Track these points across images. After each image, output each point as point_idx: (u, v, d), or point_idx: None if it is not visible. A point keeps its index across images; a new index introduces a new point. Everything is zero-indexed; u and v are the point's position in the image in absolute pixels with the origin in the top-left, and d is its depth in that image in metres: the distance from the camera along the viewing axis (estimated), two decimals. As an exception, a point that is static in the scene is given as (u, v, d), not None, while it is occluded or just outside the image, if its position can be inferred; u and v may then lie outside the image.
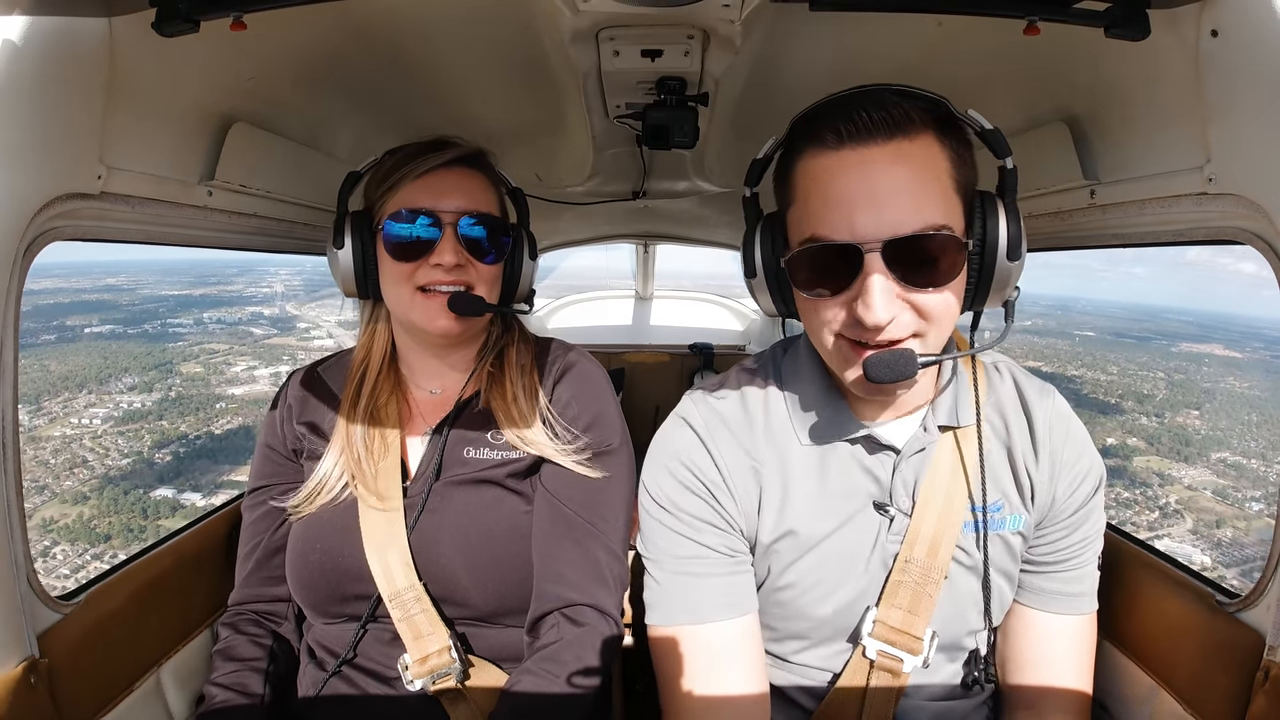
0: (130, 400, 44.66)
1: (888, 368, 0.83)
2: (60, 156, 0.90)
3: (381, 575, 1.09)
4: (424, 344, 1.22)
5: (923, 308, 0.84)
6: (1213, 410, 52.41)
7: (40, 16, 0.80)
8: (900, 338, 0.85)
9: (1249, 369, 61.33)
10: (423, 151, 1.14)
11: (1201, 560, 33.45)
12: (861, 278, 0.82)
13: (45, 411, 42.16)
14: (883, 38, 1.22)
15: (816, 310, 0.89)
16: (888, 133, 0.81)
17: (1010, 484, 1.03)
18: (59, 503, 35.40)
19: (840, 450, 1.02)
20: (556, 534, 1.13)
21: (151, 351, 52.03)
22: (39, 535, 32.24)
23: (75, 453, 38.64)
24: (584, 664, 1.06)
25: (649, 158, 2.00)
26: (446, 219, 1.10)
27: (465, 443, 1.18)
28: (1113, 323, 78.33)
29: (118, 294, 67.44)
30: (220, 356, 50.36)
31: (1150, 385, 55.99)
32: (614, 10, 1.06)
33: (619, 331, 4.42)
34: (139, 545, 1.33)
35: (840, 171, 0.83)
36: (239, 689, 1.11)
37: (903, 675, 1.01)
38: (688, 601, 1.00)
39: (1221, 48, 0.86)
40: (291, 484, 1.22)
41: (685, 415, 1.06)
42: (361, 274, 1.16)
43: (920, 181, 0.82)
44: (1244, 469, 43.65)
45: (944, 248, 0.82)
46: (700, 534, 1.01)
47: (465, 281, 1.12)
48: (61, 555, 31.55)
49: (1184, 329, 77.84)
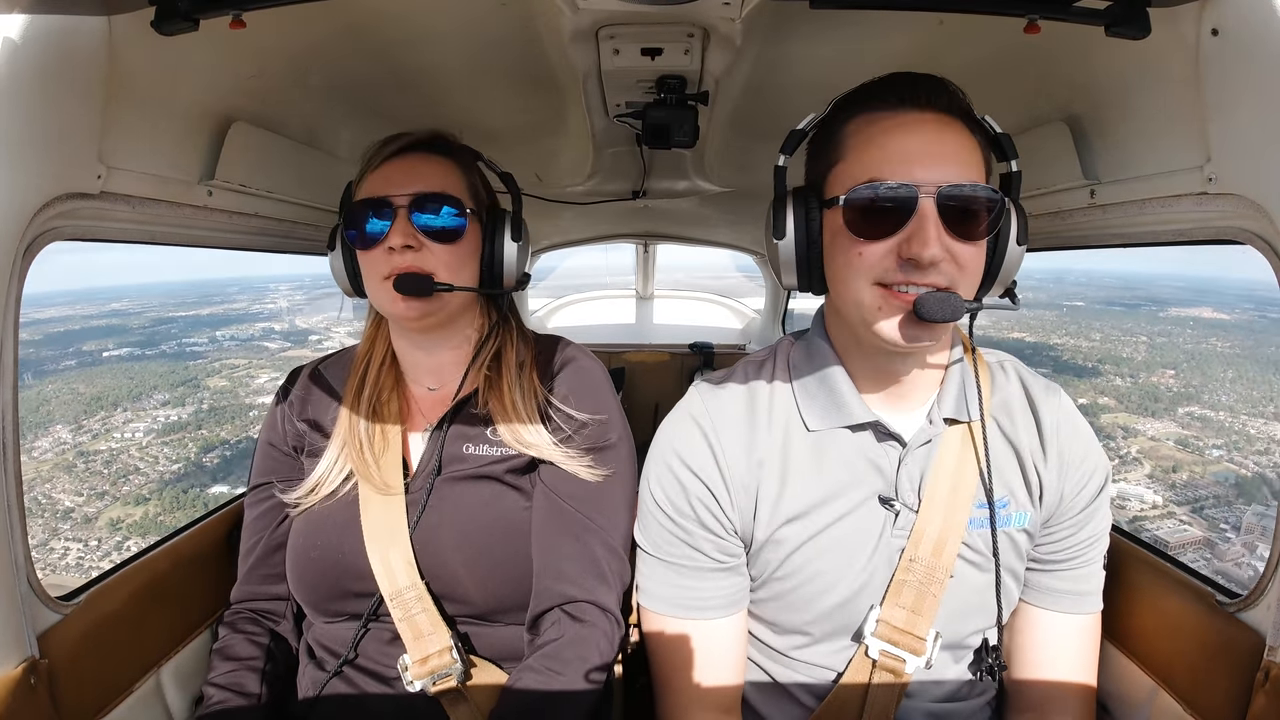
0: (167, 414, 46.85)
1: (939, 304, 0.86)
2: (60, 156, 0.90)
3: (383, 574, 1.09)
4: (407, 337, 1.22)
5: (960, 259, 0.88)
6: (1188, 369, 53.84)
7: (39, 15, 0.80)
8: (941, 285, 0.87)
9: (1234, 329, 62.11)
10: (382, 144, 1.15)
11: (1153, 499, 34.98)
12: (916, 218, 0.86)
13: (86, 430, 44.41)
14: (883, 36, 1.22)
15: (861, 257, 0.90)
16: (942, 105, 0.89)
17: (1018, 481, 1.03)
18: (121, 505, 37.98)
19: (844, 439, 1.02)
20: (556, 530, 1.13)
21: (175, 370, 54.11)
22: (109, 533, 35.13)
23: (125, 463, 41.19)
24: (585, 661, 1.06)
25: (649, 157, 2.00)
26: (399, 202, 1.09)
27: (465, 439, 1.18)
28: (1104, 292, 78.47)
29: (125, 318, 68.77)
30: (242, 370, 52.22)
31: (1130, 349, 57.50)
32: (614, 9, 1.06)
33: (619, 331, 4.43)
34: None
35: (899, 128, 0.88)
36: (236, 689, 1.11)
37: (905, 675, 1.01)
38: (680, 598, 1.04)
39: (1222, 47, 0.86)
40: (292, 481, 1.21)
41: (689, 409, 1.07)
42: (352, 271, 1.17)
43: (965, 151, 0.89)
44: (1209, 420, 45.41)
45: (987, 205, 0.87)
46: (694, 538, 1.03)
47: (419, 265, 1.10)
48: (134, 547, 34.76)
49: (1176, 294, 77.96)
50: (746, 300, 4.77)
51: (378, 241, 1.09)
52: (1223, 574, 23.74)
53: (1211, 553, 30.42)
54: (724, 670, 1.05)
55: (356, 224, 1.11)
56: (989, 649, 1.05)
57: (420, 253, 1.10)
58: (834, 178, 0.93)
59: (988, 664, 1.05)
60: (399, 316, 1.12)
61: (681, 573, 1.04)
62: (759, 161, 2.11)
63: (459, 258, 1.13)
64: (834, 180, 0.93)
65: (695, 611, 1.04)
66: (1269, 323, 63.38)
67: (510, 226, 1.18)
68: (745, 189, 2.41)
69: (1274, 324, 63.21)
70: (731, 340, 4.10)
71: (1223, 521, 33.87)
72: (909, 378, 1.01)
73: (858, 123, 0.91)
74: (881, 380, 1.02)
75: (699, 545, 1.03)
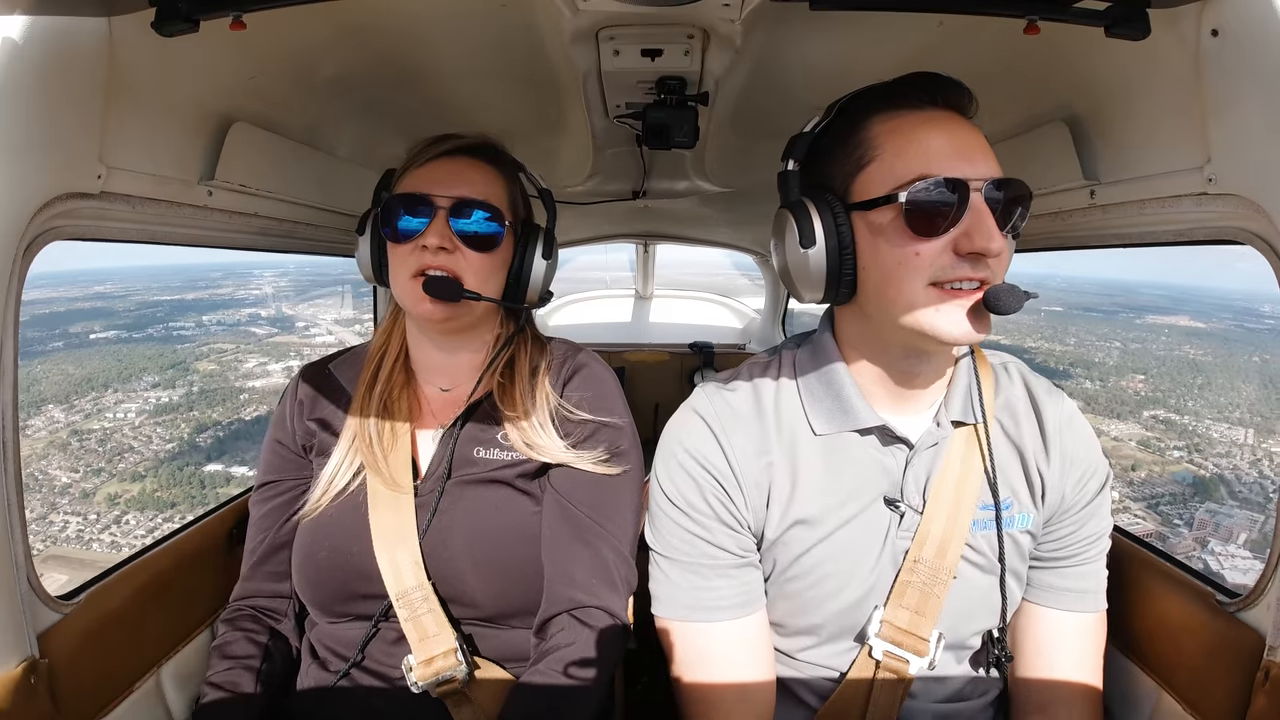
0: (158, 395, 47.78)
1: (1010, 296, 0.85)
2: (60, 156, 0.90)
3: (390, 573, 1.09)
4: (426, 335, 1.22)
5: (1002, 253, 0.87)
6: (1158, 374, 54.98)
7: (40, 16, 0.80)
8: (992, 280, 0.87)
9: (1208, 337, 63.63)
10: (433, 142, 1.16)
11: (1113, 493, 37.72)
12: (971, 212, 0.85)
13: (78, 409, 45.32)
14: (883, 37, 1.22)
15: (919, 256, 0.86)
16: (965, 103, 0.90)
17: (1021, 482, 1.04)
18: (118, 481, 39.18)
19: (852, 442, 1.02)
20: (566, 535, 1.13)
21: (163, 353, 54.83)
22: (107, 507, 36.35)
23: (119, 441, 42.28)
24: (593, 666, 1.06)
25: (649, 157, 2.00)
26: (440, 203, 1.10)
27: (476, 442, 1.17)
28: (1083, 298, 79.34)
29: (111, 301, 69.07)
30: (230, 355, 53.16)
31: (1103, 354, 58.50)
32: (614, 10, 1.06)
33: (619, 330, 4.43)
34: (203, 508, 1.34)
35: (936, 125, 0.88)
36: (230, 687, 1.11)
37: (908, 676, 1.01)
38: (699, 600, 1.01)
39: (1222, 47, 0.86)
40: (300, 479, 1.21)
41: (697, 406, 1.06)
42: (377, 260, 1.17)
43: (989, 149, 0.89)
44: (1172, 423, 46.71)
45: (1024, 199, 0.88)
46: (712, 534, 1.01)
47: (451, 268, 1.10)
48: (134, 520, 35.91)
49: (1155, 302, 79.17)
50: (746, 300, 4.77)
51: (412, 237, 1.10)
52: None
53: (1163, 545, 30.53)
54: (757, 673, 1.01)
55: (393, 216, 1.11)
56: (994, 641, 1.05)
57: (453, 255, 1.10)
58: (866, 179, 0.90)
59: (994, 656, 1.04)
60: (423, 317, 1.13)
61: (701, 573, 1.01)
62: (759, 162, 2.11)
63: (490, 267, 1.14)
64: (867, 182, 0.90)
65: (718, 613, 1.00)
66: (1245, 331, 64.27)
67: (543, 244, 1.20)
68: (745, 189, 2.41)
69: (1249, 333, 64.12)
70: (731, 340, 4.10)
71: (1176, 517, 35.07)
72: (923, 380, 1.00)
73: (886, 123, 0.90)
74: (895, 384, 1.01)
75: (718, 540, 1.01)
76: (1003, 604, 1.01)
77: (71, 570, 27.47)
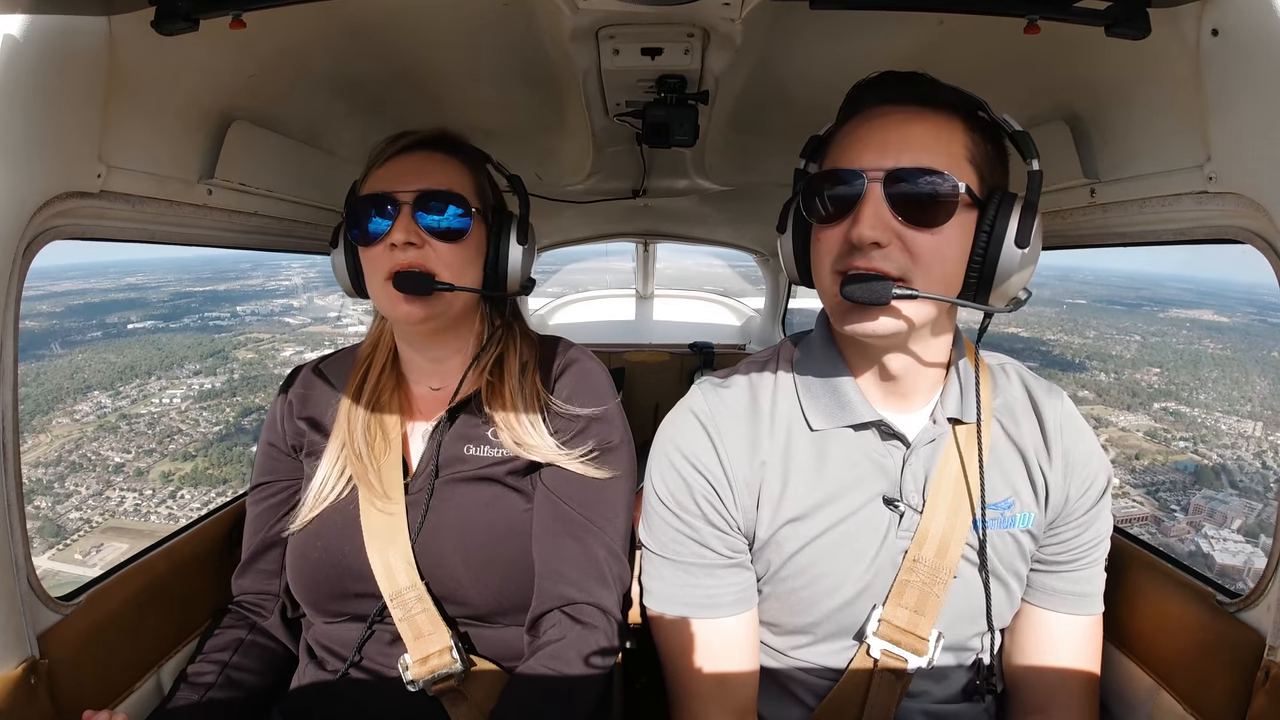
0: (201, 382, 49.07)
1: (862, 285, 0.86)
2: (60, 155, 0.89)
3: (383, 574, 1.09)
4: (408, 337, 1.21)
5: (913, 248, 0.87)
6: (1174, 367, 55.14)
7: (40, 15, 0.80)
8: (886, 271, 0.87)
9: (1229, 332, 63.57)
10: (390, 140, 1.15)
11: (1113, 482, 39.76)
12: (864, 201, 0.87)
13: (124, 395, 46.81)
14: (883, 36, 1.22)
15: (821, 243, 0.93)
16: (915, 100, 0.90)
17: (1023, 482, 1.03)
18: (170, 460, 40.28)
19: (848, 439, 1.02)
20: (557, 532, 1.13)
21: (201, 342, 56.16)
22: (161, 484, 37.66)
23: (167, 425, 43.68)
24: (587, 662, 1.06)
25: (649, 156, 2.00)
26: (403, 198, 1.08)
27: (465, 440, 1.17)
28: (1109, 291, 79.30)
29: (144, 292, 69.91)
30: (267, 344, 54.46)
31: (1121, 347, 58.71)
32: (614, 9, 1.06)
33: (619, 330, 4.42)
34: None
35: (867, 122, 0.91)
36: (194, 678, 1.13)
37: (906, 675, 1.01)
38: (689, 597, 1.03)
39: (1222, 47, 0.86)
40: (292, 480, 1.22)
41: (693, 406, 1.06)
42: (353, 269, 1.16)
43: (931, 140, 0.88)
44: (1182, 415, 47.08)
45: (938, 189, 0.86)
46: (701, 534, 1.02)
47: (422, 263, 1.08)
48: (189, 495, 37.03)
49: (1179, 295, 79.08)
50: (746, 300, 4.77)
51: (380, 238, 1.08)
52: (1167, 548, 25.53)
53: (1157, 528, 32.10)
54: (739, 670, 1.04)
55: (359, 220, 1.09)
56: (984, 668, 1.06)
57: (423, 250, 1.08)
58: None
59: (984, 681, 1.05)
60: (402, 319, 1.11)
61: (691, 571, 1.03)
62: (759, 160, 2.12)
63: (462, 258, 1.12)
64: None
65: (706, 610, 1.02)
66: (1268, 327, 64.33)
67: (516, 229, 1.17)
68: (745, 188, 2.41)
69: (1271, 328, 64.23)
70: (731, 340, 4.10)
71: (1173, 503, 35.53)
72: (907, 376, 1.00)
73: (844, 125, 0.95)
74: (881, 378, 1.02)
75: (706, 541, 1.02)
76: (987, 607, 1.01)
77: (131, 540, 28.21)
